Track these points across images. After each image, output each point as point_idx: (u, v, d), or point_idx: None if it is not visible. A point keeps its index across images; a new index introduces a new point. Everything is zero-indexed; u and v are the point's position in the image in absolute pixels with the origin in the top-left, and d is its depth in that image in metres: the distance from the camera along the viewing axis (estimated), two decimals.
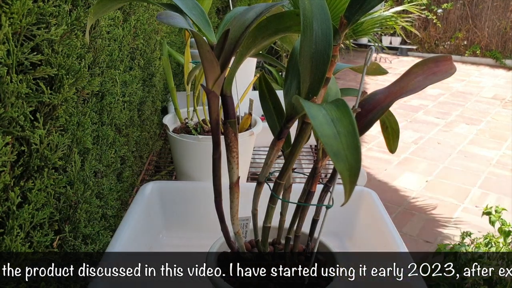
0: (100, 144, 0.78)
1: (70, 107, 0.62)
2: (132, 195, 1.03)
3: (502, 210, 1.58)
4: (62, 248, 0.63)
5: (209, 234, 0.64)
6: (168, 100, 1.38)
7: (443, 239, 2.28)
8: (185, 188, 0.87)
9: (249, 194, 0.58)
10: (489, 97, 4.88)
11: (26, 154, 0.54)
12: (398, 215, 2.49)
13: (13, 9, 0.47)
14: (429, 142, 3.55)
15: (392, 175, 2.95)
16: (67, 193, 0.63)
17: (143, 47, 1.03)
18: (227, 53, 0.45)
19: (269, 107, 0.57)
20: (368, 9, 0.43)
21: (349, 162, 0.32)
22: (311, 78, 0.44)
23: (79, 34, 0.61)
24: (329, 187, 0.56)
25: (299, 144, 0.50)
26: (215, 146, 0.52)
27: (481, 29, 6.57)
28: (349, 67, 0.54)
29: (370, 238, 0.81)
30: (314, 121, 0.35)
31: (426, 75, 0.46)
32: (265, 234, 0.59)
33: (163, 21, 0.43)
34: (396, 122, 0.54)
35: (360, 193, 0.85)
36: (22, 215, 0.52)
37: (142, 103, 1.07)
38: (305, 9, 0.42)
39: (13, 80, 0.48)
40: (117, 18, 0.84)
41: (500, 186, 2.85)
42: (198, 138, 0.92)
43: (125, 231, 0.71)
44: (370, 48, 0.46)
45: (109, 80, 0.80)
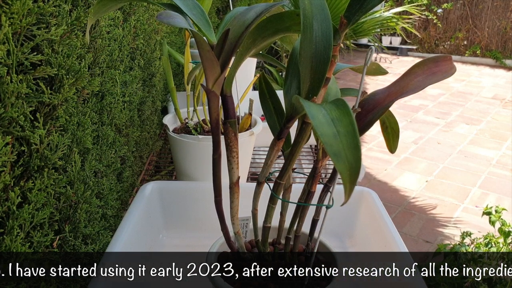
0: (100, 144, 0.78)
1: (70, 107, 0.62)
2: (132, 195, 1.03)
3: (502, 210, 1.58)
4: (62, 248, 0.63)
5: (209, 234, 0.64)
6: (168, 100, 1.38)
7: (443, 239, 2.28)
8: (185, 188, 0.87)
9: (249, 194, 0.58)
10: (489, 97, 4.88)
11: (26, 154, 0.54)
12: (398, 215, 2.49)
13: (13, 9, 0.47)
14: (429, 142, 3.55)
15: (392, 175, 2.95)
16: (67, 193, 0.63)
17: (143, 47, 1.03)
18: (227, 53, 0.45)
19: (269, 107, 0.57)
20: (368, 9, 0.43)
21: (349, 162, 0.32)
22: (311, 78, 0.44)
23: (79, 34, 0.61)
24: (329, 187, 0.56)
25: (299, 144, 0.50)
26: (215, 146, 0.52)
27: (481, 29, 6.57)
28: (349, 67, 0.54)
29: (370, 238, 0.81)
30: (314, 120, 0.35)
31: (426, 75, 0.46)
32: (265, 234, 0.59)
33: (163, 21, 0.43)
34: (396, 122, 0.54)
35: (360, 193, 0.85)
36: (22, 215, 0.52)
37: (142, 103, 1.07)
38: (305, 9, 0.42)
39: (13, 80, 0.48)
40: (117, 18, 0.84)
41: (500, 186, 2.85)
42: (198, 138, 0.92)
43: (125, 231, 0.71)
44: (370, 48, 0.46)
45: (109, 80, 0.80)
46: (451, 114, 4.26)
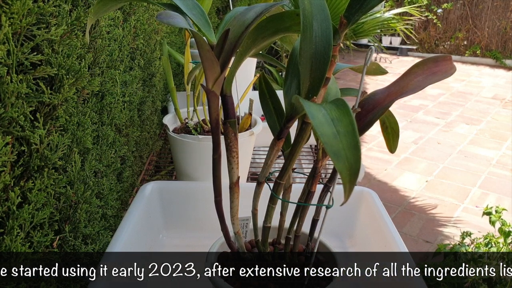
0: (100, 144, 0.78)
1: (70, 107, 0.62)
2: (132, 195, 1.03)
3: (502, 210, 1.58)
4: (62, 248, 0.63)
5: (209, 234, 0.64)
6: (168, 100, 1.38)
7: (443, 239, 2.28)
8: (185, 188, 0.87)
9: (249, 194, 0.58)
10: (489, 97, 4.88)
11: (26, 154, 0.54)
12: (398, 215, 2.49)
13: (13, 9, 0.47)
14: (429, 142, 3.55)
15: (392, 175, 2.95)
16: (67, 193, 0.63)
17: (143, 47, 1.03)
18: (227, 53, 0.45)
19: (269, 107, 0.57)
20: (368, 9, 0.43)
21: (349, 162, 0.32)
22: (311, 78, 0.44)
23: (79, 34, 0.61)
24: (329, 187, 0.56)
25: (299, 144, 0.50)
26: (215, 146, 0.52)
27: (481, 29, 6.57)
28: (349, 67, 0.54)
29: (370, 238, 0.81)
30: (314, 120, 0.35)
31: (426, 75, 0.46)
32: (265, 234, 0.59)
33: (163, 21, 0.43)
34: (396, 122, 0.54)
35: (360, 193, 0.85)
36: (22, 215, 0.52)
37: (142, 103, 1.07)
38: (305, 9, 0.42)
39: (13, 80, 0.48)
40: (117, 18, 0.84)
41: (500, 186, 2.85)
42: (198, 138, 0.92)
43: (125, 231, 0.71)
44: (370, 48, 0.46)
45: (109, 80, 0.80)
46: (451, 114, 4.26)
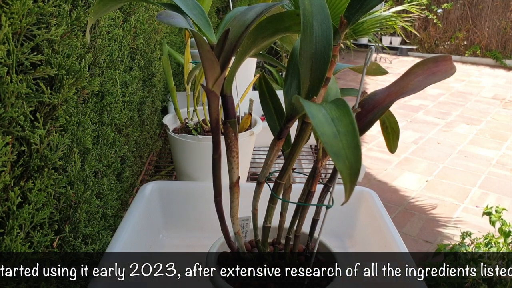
0: (100, 144, 0.78)
1: (70, 107, 0.62)
2: (132, 195, 1.03)
3: (502, 210, 1.58)
4: (62, 248, 0.63)
5: (209, 234, 0.64)
6: (168, 100, 1.38)
7: (443, 239, 2.28)
8: (185, 188, 0.87)
9: (249, 194, 0.58)
10: (489, 97, 4.88)
11: (26, 154, 0.54)
12: (398, 215, 2.49)
13: (13, 9, 0.47)
14: (429, 142, 3.55)
15: (392, 175, 2.95)
16: (67, 193, 0.63)
17: (143, 47, 1.03)
18: (227, 53, 0.45)
19: (269, 107, 0.57)
20: (368, 9, 0.43)
21: (349, 162, 0.32)
22: (311, 78, 0.44)
23: (79, 34, 0.61)
24: (329, 187, 0.56)
25: (299, 144, 0.50)
26: (215, 146, 0.52)
27: (481, 29, 6.57)
28: (349, 67, 0.54)
29: (370, 238, 0.81)
30: (314, 120, 0.35)
31: (426, 75, 0.46)
32: (265, 234, 0.59)
33: (163, 20, 0.43)
34: (396, 122, 0.54)
35: (360, 193, 0.85)
36: (22, 215, 0.52)
37: (142, 103, 1.07)
38: (305, 9, 0.42)
39: (13, 80, 0.48)
40: (117, 18, 0.84)
41: (500, 186, 2.85)
42: (198, 138, 0.92)
43: (125, 231, 0.71)
44: (370, 48, 0.46)
45: (109, 80, 0.80)
46: (451, 114, 4.26)
